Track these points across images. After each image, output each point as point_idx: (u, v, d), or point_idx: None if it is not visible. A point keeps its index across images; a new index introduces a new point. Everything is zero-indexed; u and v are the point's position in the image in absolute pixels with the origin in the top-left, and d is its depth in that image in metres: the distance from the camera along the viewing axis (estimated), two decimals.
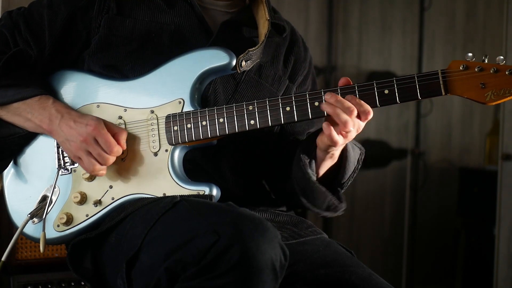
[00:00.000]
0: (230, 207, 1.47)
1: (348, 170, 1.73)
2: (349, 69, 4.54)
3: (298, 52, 1.90)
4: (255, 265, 1.34)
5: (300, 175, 1.69)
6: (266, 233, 1.38)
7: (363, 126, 1.60)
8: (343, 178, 1.73)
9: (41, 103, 1.69)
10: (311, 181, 1.68)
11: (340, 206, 1.74)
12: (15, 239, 1.72)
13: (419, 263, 4.51)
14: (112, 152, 1.63)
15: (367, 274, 1.64)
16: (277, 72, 1.83)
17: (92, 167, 1.64)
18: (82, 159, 1.65)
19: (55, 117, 1.67)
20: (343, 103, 1.56)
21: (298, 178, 1.70)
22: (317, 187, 1.68)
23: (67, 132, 1.65)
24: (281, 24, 1.88)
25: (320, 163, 1.69)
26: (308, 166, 1.68)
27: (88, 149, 1.63)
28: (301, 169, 1.68)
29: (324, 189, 1.69)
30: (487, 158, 4.39)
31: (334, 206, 1.73)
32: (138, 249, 1.53)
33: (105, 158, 1.63)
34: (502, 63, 1.51)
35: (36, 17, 1.76)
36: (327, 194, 1.70)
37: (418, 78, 1.54)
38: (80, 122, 1.65)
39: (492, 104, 1.51)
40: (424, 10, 4.51)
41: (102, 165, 1.64)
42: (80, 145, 1.64)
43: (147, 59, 1.72)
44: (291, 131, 1.85)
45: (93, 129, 1.63)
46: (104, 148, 1.63)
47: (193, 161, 1.71)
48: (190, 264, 1.38)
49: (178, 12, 1.76)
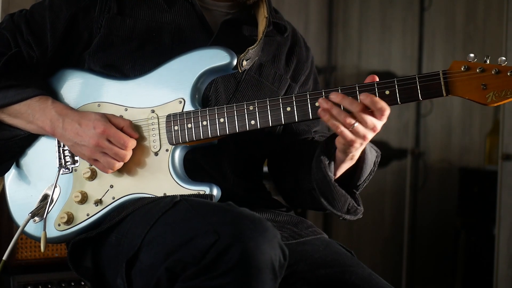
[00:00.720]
0: (230, 207, 1.47)
1: (364, 173, 1.71)
2: (349, 69, 4.54)
3: (300, 53, 1.90)
4: (254, 264, 1.35)
5: (320, 177, 1.67)
6: (265, 233, 1.39)
7: (380, 125, 1.57)
8: (359, 180, 1.71)
9: (40, 104, 1.69)
10: (331, 184, 1.66)
11: (359, 209, 1.72)
12: (16, 238, 1.72)
13: (419, 263, 4.51)
14: (128, 147, 1.64)
15: (367, 274, 1.65)
16: (277, 71, 1.83)
17: (112, 166, 1.64)
18: (100, 160, 1.65)
19: (56, 120, 1.67)
20: (343, 102, 1.54)
21: (318, 180, 1.68)
22: (338, 189, 1.67)
23: (74, 135, 1.65)
24: (282, 24, 1.88)
25: (339, 164, 1.67)
26: (328, 167, 1.66)
27: (103, 151, 1.64)
28: (321, 171, 1.66)
29: (344, 192, 1.68)
30: (487, 158, 4.38)
31: (354, 209, 1.71)
32: (138, 249, 1.53)
33: (123, 155, 1.64)
34: (503, 64, 1.50)
35: (38, 19, 1.76)
36: (347, 197, 1.68)
37: (419, 78, 1.53)
38: (86, 124, 1.65)
39: (493, 105, 1.50)
40: (424, 10, 4.51)
41: (120, 162, 1.65)
42: (94, 149, 1.64)
43: (148, 59, 1.72)
44: (296, 130, 1.85)
45: (102, 131, 1.63)
46: (119, 145, 1.63)
47: (194, 161, 1.71)
48: (190, 264, 1.39)
49: (179, 12, 1.76)
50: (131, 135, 1.66)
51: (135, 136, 1.66)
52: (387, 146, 4.46)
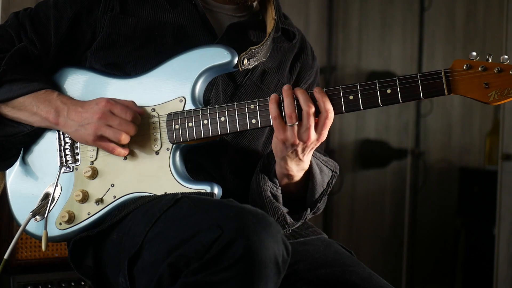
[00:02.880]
0: (232, 202, 1.47)
1: (316, 193, 1.71)
2: (349, 69, 4.54)
3: (306, 60, 1.89)
4: (258, 259, 1.35)
5: (253, 188, 1.69)
6: (269, 228, 1.39)
7: (314, 137, 1.57)
8: (311, 198, 1.72)
9: (46, 96, 1.69)
10: (262, 195, 1.67)
11: (290, 224, 1.70)
12: (18, 237, 1.72)
13: (419, 263, 4.51)
14: (132, 117, 1.63)
15: (368, 274, 1.65)
16: (280, 79, 1.82)
17: (118, 136, 1.63)
18: (106, 134, 1.63)
19: (61, 109, 1.68)
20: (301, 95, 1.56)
21: (252, 191, 1.70)
22: (269, 201, 1.67)
23: (78, 118, 1.65)
24: (291, 30, 1.87)
25: (280, 179, 1.68)
26: (267, 180, 1.67)
27: (108, 123, 1.63)
28: (256, 182, 1.68)
29: (277, 204, 1.67)
30: (487, 158, 4.39)
31: (282, 224, 1.68)
32: (140, 246, 1.53)
33: (128, 125, 1.63)
34: (506, 63, 1.49)
35: (42, 18, 1.77)
36: (277, 210, 1.67)
37: (421, 77, 1.53)
38: (89, 104, 1.66)
39: (495, 104, 1.49)
40: (424, 10, 4.51)
41: (127, 133, 1.63)
42: (98, 123, 1.63)
43: (149, 58, 1.72)
44: None
45: (105, 103, 1.63)
46: (123, 116, 1.63)
47: (194, 160, 1.71)
48: (193, 259, 1.39)
49: (181, 12, 1.76)
50: (134, 109, 1.65)
51: (139, 111, 1.66)
52: (387, 146, 4.46)
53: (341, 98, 1.57)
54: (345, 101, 1.57)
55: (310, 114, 1.56)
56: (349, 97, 1.57)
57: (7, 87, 1.69)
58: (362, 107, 1.57)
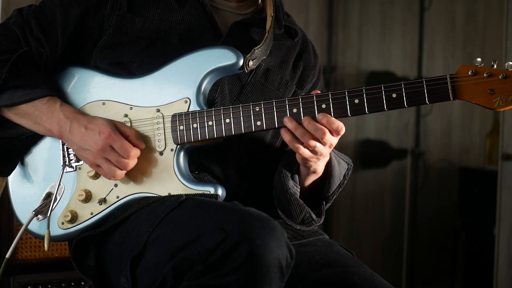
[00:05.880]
0: (236, 205, 1.47)
1: (333, 185, 1.73)
2: (349, 69, 4.54)
3: (308, 59, 1.89)
4: (262, 263, 1.35)
5: (278, 187, 1.70)
6: (273, 232, 1.39)
7: (335, 141, 1.61)
8: (327, 192, 1.74)
9: (48, 106, 1.68)
10: (288, 193, 1.68)
11: (317, 220, 1.74)
12: (19, 236, 1.72)
13: (419, 263, 4.51)
14: (130, 156, 1.63)
15: (369, 274, 1.65)
16: (284, 76, 1.82)
17: (113, 173, 1.63)
18: (102, 166, 1.64)
19: (64, 123, 1.67)
20: (308, 127, 1.57)
21: (276, 189, 1.72)
22: (294, 199, 1.69)
23: (80, 139, 1.65)
24: (293, 28, 1.87)
25: (304, 177, 1.70)
26: (290, 178, 1.68)
27: (106, 157, 1.63)
28: (280, 181, 1.69)
29: (302, 202, 1.70)
30: (487, 158, 4.39)
31: (309, 220, 1.73)
32: (143, 247, 1.53)
33: (125, 163, 1.63)
34: (511, 69, 1.50)
35: (48, 15, 1.74)
36: (303, 208, 1.70)
37: (427, 82, 1.53)
38: (92, 129, 1.64)
39: (500, 110, 1.50)
40: (424, 10, 4.51)
41: (122, 170, 1.64)
42: (97, 154, 1.63)
43: (155, 58, 1.71)
44: None
45: (107, 136, 1.62)
46: (122, 154, 1.62)
47: (198, 161, 1.71)
48: (197, 262, 1.39)
49: (188, 12, 1.76)
50: (137, 145, 1.65)
51: (140, 146, 1.65)
52: (387, 146, 4.47)
53: (346, 102, 1.58)
54: (351, 105, 1.58)
55: (327, 144, 1.60)
56: (355, 100, 1.57)
57: (9, 94, 1.67)
58: (368, 111, 1.57)
